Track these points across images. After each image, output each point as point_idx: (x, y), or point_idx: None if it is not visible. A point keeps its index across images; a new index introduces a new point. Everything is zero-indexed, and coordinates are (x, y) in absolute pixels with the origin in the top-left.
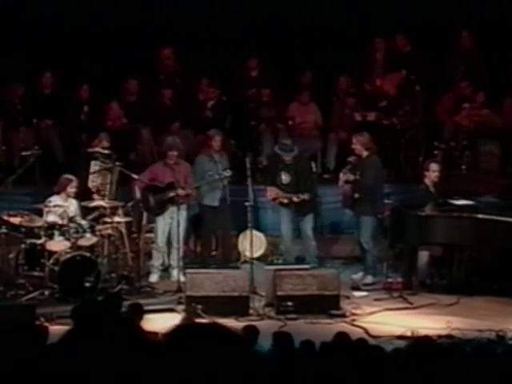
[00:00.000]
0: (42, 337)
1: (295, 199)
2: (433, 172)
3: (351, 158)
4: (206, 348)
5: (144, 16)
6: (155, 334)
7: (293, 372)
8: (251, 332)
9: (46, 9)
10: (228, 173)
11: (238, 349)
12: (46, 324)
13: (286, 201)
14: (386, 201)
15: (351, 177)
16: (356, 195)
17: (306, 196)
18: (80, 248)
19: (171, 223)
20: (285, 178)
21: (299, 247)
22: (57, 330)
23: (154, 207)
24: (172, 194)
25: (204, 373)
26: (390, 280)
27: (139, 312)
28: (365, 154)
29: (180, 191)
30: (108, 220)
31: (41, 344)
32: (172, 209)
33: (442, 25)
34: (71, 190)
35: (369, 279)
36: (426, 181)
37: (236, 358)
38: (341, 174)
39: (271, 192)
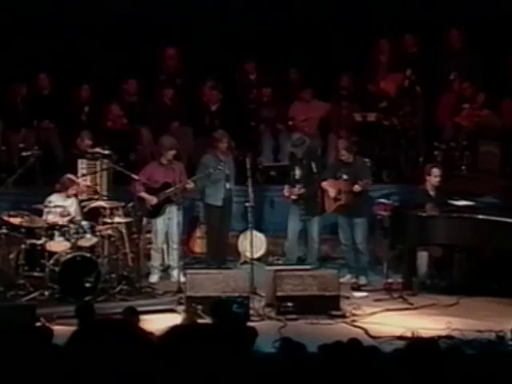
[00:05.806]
0: (47, 337)
1: (295, 191)
2: (434, 177)
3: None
4: (205, 348)
5: (144, 16)
6: (152, 334)
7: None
8: (250, 333)
9: (46, 9)
10: (221, 166)
11: (237, 350)
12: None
13: (294, 196)
14: (386, 201)
15: (358, 188)
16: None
17: (302, 190)
18: (80, 248)
19: (168, 223)
20: (297, 172)
21: (302, 248)
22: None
23: (150, 210)
24: (170, 190)
25: (203, 373)
26: (390, 280)
27: (134, 315)
28: (351, 158)
29: (178, 185)
30: (108, 220)
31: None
32: (169, 209)
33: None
34: (72, 191)
35: (363, 280)
36: (427, 184)
37: (235, 358)
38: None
39: (286, 190)
